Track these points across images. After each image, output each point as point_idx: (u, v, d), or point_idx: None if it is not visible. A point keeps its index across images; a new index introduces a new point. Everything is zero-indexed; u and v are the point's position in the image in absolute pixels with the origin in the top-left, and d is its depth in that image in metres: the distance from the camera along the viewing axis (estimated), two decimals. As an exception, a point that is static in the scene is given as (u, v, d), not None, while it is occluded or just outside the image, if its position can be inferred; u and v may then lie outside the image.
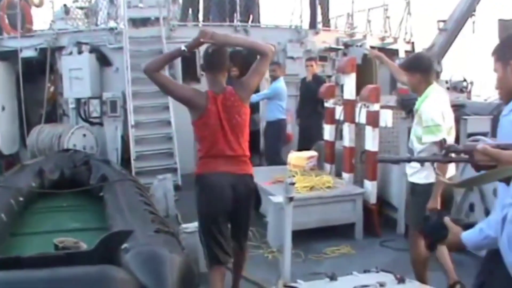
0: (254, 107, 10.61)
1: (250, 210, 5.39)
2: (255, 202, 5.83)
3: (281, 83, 10.82)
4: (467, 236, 2.93)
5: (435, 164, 3.28)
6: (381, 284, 4.21)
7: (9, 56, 13.34)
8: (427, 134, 5.37)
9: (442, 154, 2.85)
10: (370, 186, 8.11)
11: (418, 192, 5.61)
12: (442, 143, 3.06)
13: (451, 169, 5.48)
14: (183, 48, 5.24)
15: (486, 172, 2.53)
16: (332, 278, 4.47)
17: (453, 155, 2.78)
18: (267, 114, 11.00)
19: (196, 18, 13.86)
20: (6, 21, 14.21)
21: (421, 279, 5.73)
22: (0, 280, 3.33)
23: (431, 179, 5.30)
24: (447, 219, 3.03)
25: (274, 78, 10.87)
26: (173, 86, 5.27)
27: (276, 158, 10.50)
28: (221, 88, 5.01)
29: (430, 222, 3.08)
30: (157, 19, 12.56)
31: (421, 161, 3.25)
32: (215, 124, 4.92)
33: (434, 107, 5.41)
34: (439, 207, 5.23)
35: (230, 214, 5.08)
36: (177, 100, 5.25)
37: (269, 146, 11.12)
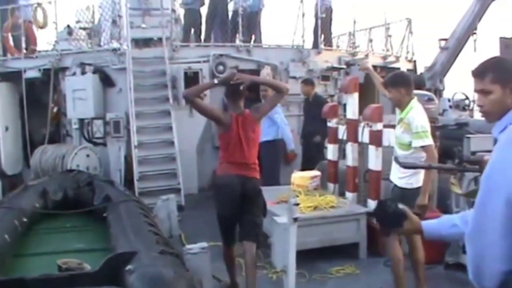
0: None
1: (259, 207, 6.39)
2: (263, 209, 6.53)
3: None
4: (429, 226, 3.04)
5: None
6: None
7: (13, 77, 13.40)
8: (417, 139, 5.97)
9: (456, 163, 2.91)
10: (374, 205, 8.08)
11: (408, 197, 5.91)
12: (456, 154, 3.12)
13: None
14: (215, 81, 6.77)
15: None
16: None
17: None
18: (262, 134, 10.73)
19: (198, 39, 13.93)
20: (11, 42, 14.30)
21: (401, 282, 6.15)
22: (4, 302, 3.33)
23: (420, 183, 5.98)
24: (406, 208, 3.09)
25: (265, 97, 10.82)
26: (208, 107, 6.74)
27: (271, 181, 10.33)
28: (241, 111, 6.35)
29: (388, 210, 3.10)
30: (160, 39, 12.64)
31: (441, 169, 3.37)
32: (236, 138, 6.24)
33: (422, 116, 6.07)
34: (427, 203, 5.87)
35: (239, 207, 6.22)
36: (210, 118, 6.79)
37: (265, 168, 10.80)
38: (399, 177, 6.23)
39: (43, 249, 5.92)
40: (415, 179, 6.05)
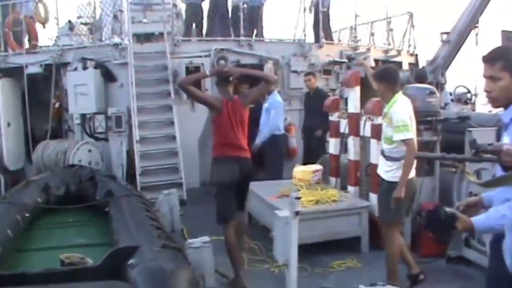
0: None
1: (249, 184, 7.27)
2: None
3: (277, 96, 10.82)
4: (478, 221, 3.09)
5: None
6: (388, 298, 4.19)
7: (15, 72, 13.40)
8: (397, 133, 6.15)
9: (472, 153, 2.92)
10: (376, 199, 8.08)
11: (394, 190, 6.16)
12: (472, 144, 3.13)
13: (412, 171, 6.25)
14: (207, 73, 8.02)
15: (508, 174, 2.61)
16: (339, 291, 4.45)
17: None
18: (262, 129, 10.76)
19: (200, 33, 13.92)
20: (12, 37, 14.29)
21: (394, 276, 6.28)
22: (6, 296, 3.33)
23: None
24: (453, 210, 3.17)
25: (268, 92, 10.80)
26: (200, 94, 7.58)
27: (273, 175, 10.41)
28: (230, 97, 7.05)
29: (440, 217, 3.10)
30: (161, 34, 12.64)
31: (455, 160, 3.37)
32: (227, 120, 6.91)
33: (403, 110, 6.22)
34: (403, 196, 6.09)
35: (236, 184, 6.89)
36: (203, 103, 7.34)
37: (268, 162, 10.86)
38: (386, 170, 6.44)
39: (46, 244, 5.92)
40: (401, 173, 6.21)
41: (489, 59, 3.18)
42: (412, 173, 6.26)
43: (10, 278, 4.01)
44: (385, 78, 6.43)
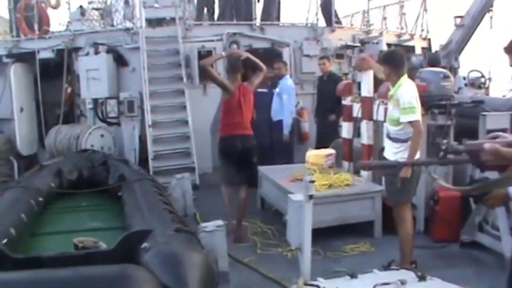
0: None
1: (254, 159, 8.28)
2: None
3: (288, 81, 10.79)
4: None
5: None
6: (402, 282, 4.15)
7: (27, 57, 13.40)
8: (404, 115, 6.28)
9: (440, 156, 2.83)
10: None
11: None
12: (439, 145, 3.06)
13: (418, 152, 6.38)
14: (223, 54, 9.13)
15: (503, 177, 2.53)
16: (353, 276, 4.42)
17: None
18: (274, 113, 10.84)
19: (211, 18, 13.86)
20: (24, 23, 14.29)
21: (409, 257, 6.41)
22: (21, 279, 3.34)
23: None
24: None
25: (279, 76, 10.79)
26: (218, 76, 8.81)
27: (285, 159, 10.42)
28: (240, 82, 8.15)
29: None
30: (173, 19, 12.57)
31: (421, 165, 3.31)
32: (237, 102, 8.00)
33: (409, 92, 6.37)
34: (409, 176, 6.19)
35: (238, 156, 8.02)
36: (219, 85, 8.30)
37: (279, 146, 10.88)
38: (393, 152, 6.50)
39: (59, 228, 5.95)
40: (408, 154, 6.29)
41: (509, 49, 3.14)
42: (418, 154, 6.34)
43: (25, 262, 4.04)
44: (390, 61, 6.62)
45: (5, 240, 4.49)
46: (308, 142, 11.93)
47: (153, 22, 13.23)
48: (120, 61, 12.44)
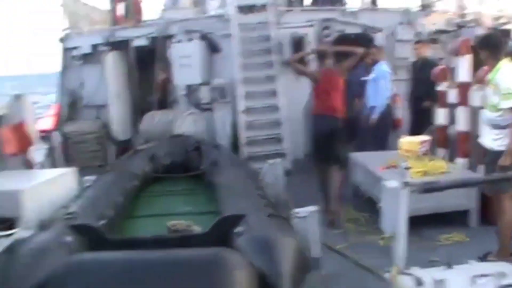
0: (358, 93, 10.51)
1: (340, 141, 8.54)
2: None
3: (384, 66, 10.56)
4: None
5: None
6: (501, 275, 3.93)
7: (122, 45, 13.75)
8: (504, 100, 6.13)
9: None
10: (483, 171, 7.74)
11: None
12: None
13: None
14: (310, 50, 10.15)
15: None
16: (449, 266, 4.25)
17: None
18: (370, 99, 10.65)
19: (301, 3, 13.76)
20: (120, 12, 14.66)
21: (507, 250, 6.23)
22: (117, 259, 3.38)
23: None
24: None
25: (374, 62, 10.56)
26: (303, 69, 9.58)
27: (380, 146, 10.21)
28: (326, 67, 8.76)
29: None
30: (264, 5, 12.54)
31: None
32: (323, 88, 8.61)
33: (509, 77, 6.18)
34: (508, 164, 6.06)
35: (325, 137, 8.46)
36: (306, 76, 9.23)
37: (374, 133, 10.65)
38: (493, 139, 6.37)
39: (153, 211, 6.02)
40: (507, 142, 6.20)
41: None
42: None
43: (121, 243, 4.11)
44: (487, 45, 6.46)
45: (102, 222, 4.58)
46: (401, 129, 11.68)
47: (244, 9, 13.25)
48: (212, 47, 12.55)
